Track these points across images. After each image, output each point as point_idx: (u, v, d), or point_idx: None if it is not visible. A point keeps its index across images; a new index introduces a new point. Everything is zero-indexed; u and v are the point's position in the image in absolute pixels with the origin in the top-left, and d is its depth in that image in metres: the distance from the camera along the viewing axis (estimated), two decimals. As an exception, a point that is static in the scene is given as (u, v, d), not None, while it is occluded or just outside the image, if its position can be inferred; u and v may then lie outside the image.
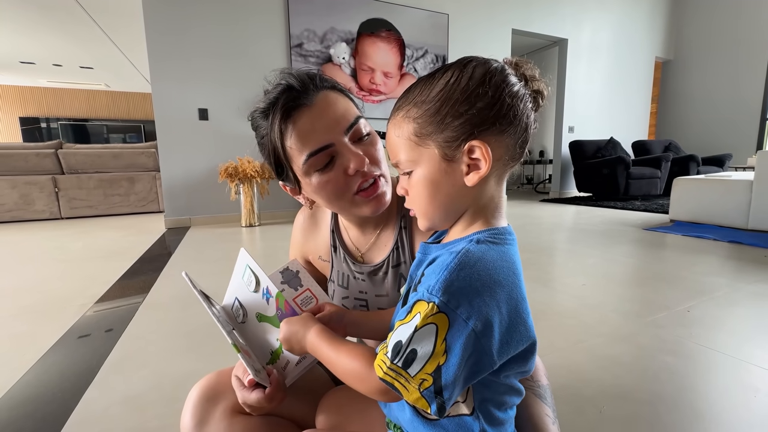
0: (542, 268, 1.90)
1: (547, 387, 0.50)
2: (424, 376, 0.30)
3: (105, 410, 0.82)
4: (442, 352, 0.29)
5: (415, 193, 0.37)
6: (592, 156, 4.93)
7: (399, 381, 0.30)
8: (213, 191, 3.40)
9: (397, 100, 0.38)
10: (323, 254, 0.63)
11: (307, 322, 0.41)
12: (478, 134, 0.33)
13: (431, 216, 0.38)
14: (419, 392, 0.30)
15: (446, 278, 0.31)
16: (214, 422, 0.48)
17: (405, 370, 0.30)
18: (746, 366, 0.94)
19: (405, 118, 0.36)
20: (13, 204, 3.76)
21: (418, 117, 0.35)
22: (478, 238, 0.34)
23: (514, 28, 4.65)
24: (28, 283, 1.75)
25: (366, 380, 0.34)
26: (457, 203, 0.37)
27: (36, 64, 6.28)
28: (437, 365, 0.29)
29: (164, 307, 1.43)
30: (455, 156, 0.34)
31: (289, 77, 0.47)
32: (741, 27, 5.46)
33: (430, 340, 0.30)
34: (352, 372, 0.35)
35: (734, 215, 2.71)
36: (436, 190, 0.36)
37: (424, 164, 0.36)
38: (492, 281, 0.32)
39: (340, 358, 0.36)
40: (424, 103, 0.35)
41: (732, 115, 5.64)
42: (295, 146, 0.47)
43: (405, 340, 0.30)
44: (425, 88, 0.35)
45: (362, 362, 0.34)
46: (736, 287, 1.51)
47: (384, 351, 0.32)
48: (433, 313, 0.30)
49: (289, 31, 3.49)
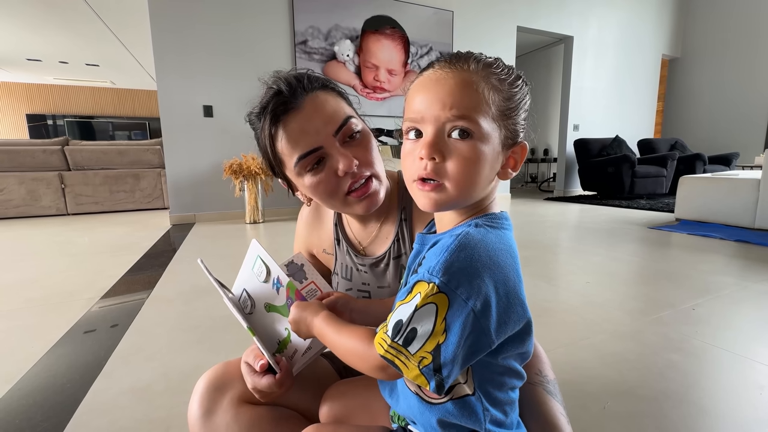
0: (547, 265, 1.90)
1: (555, 382, 0.50)
2: (423, 354, 0.30)
3: (113, 400, 0.83)
4: (442, 331, 0.30)
5: (466, 162, 0.33)
6: (597, 154, 4.90)
7: (399, 359, 0.31)
8: (217, 188, 3.41)
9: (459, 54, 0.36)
10: (327, 247, 0.64)
11: (316, 307, 0.42)
12: (523, 138, 0.37)
13: (466, 192, 0.35)
14: (419, 369, 0.30)
15: (447, 259, 0.31)
16: (221, 411, 0.49)
17: (405, 348, 0.31)
18: (752, 364, 0.94)
19: (489, 84, 0.34)
20: (20, 200, 3.80)
21: (501, 91, 0.35)
22: (477, 222, 0.35)
23: (520, 25, 4.62)
24: (35, 277, 1.77)
25: (365, 358, 0.34)
26: (484, 190, 0.37)
27: (42, 62, 6.33)
28: (437, 344, 0.30)
29: (170, 301, 1.44)
30: (507, 147, 0.36)
31: (279, 81, 0.48)
32: (748, 25, 5.39)
33: (430, 320, 0.30)
34: (352, 350, 0.36)
35: (741, 214, 2.69)
36: (486, 170, 0.35)
37: (489, 138, 0.34)
38: (491, 262, 0.32)
39: (342, 339, 0.37)
40: (504, 83, 0.35)
41: (739, 113, 5.58)
42: (285, 150, 0.48)
43: (405, 319, 0.31)
44: (502, 71, 0.35)
45: (362, 341, 0.35)
46: (742, 286, 1.50)
47: (384, 330, 0.33)
48: (433, 293, 0.30)
49: (294, 28, 3.49)
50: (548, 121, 6.91)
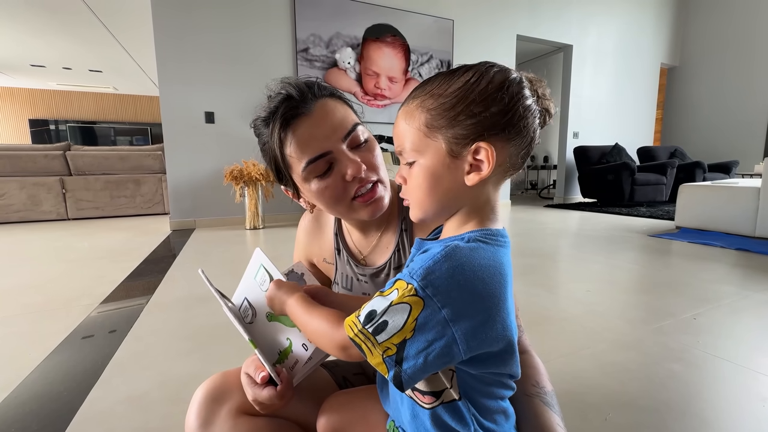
0: (547, 273, 1.89)
1: (553, 393, 0.50)
2: (389, 345, 0.32)
3: (110, 409, 0.82)
4: (411, 329, 0.31)
5: (415, 183, 0.38)
6: (596, 162, 4.91)
7: (366, 344, 0.33)
8: (218, 194, 3.42)
9: (413, 90, 0.38)
10: (327, 257, 0.63)
11: (292, 287, 0.44)
12: (487, 137, 0.34)
13: (426, 208, 0.38)
14: (382, 358, 0.32)
15: (429, 266, 0.32)
16: (219, 423, 0.48)
17: (374, 336, 0.32)
18: (754, 375, 0.93)
19: (419, 107, 0.36)
20: (21, 204, 3.81)
21: (433, 109, 0.35)
22: (470, 236, 0.36)
23: (519, 34, 4.67)
24: (34, 283, 1.77)
25: (331, 337, 0.36)
26: (453, 200, 0.37)
27: (46, 67, 6.38)
28: (404, 338, 0.32)
29: (169, 308, 1.43)
30: (461, 153, 0.35)
31: (289, 87, 0.49)
32: (746, 33, 5.44)
33: (402, 316, 0.32)
34: (320, 329, 0.38)
35: (741, 222, 2.69)
36: (436, 184, 0.37)
37: (428, 156, 0.36)
38: (475, 278, 0.32)
39: (312, 318, 0.39)
40: (441, 96, 0.35)
41: (738, 121, 5.61)
42: (294, 154, 0.48)
43: (379, 311, 0.33)
44: (444, 83, 0.36)
45: (331, 321, 0.37)
46: (743, 295, 1.50)
47: (357, 315, 0.34)
48: (410, 294, 0.32)
49: (296, 36, 3.53)
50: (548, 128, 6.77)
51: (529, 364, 0.50)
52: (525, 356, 0.52)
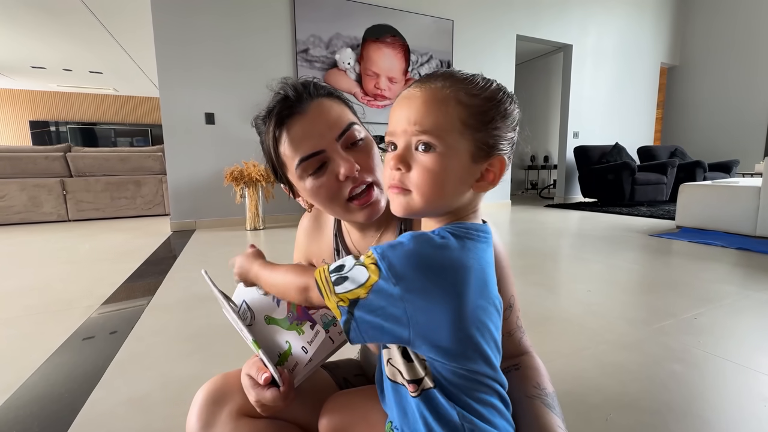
0: (547, 273, 1.89)
1: (554, 394, 0.50)
2: (343, 297, 0.35)
3: (111, 411, 0.82)
4: (366, 291, 0.34)
5: (427, 173, 0.36)
6: (597, 161, 4.91)
7: (325, 288, 0.36)
8: (218, 195, 3.42)
9: (433, 75, 0.38)
10: (327, 257, 0.63)
11: (254, 255, 0.49)
12: (502, 152, 0.37)
13: (430, 201, 0.37)
14: (336, 304, 0.35)
15: (392, 244, 0.35)
16: (220, 424, 0.49)
17: (334, 286, 0.36)
18: (755, 375, 0.93)
19: (454, 98, 0.36)
20: (21, 206, 3.81)
21: (469, 106, 0.36)
22: (445, 228, 0.37)
23: (519, 34, 4.66)
24: (35, 284, 1.77)
25: (294, 282, 0.40)
26: (455, 201, 0.38)
27: (47, 69, 6.39)
28: (357, 297, 0.34)
29: (170, 309, 1.43)
30: (480, 160, 0.37)
31: (286, 87, 0.50)
32: (746, 32, 5.44)
33: (362, 279, 0.35)
34: (286, 277, 0.42)
35: (742, 222, 2.68)
36: (451, 181, 0.37)
37: (453, 151, 0.36)
38: (433, 263, 0.34)
39: (279, 274, 0.43)
40: (476, 98, 0.36)
41: (738, 120, 5.60)
42: (288, 152, 0.49)
43: (347, 267, 0.36)
44: (476, 86, 0.37)
45: (297, 270, 0.41)
46: (744, 295, 1.49)
47: (329, 265, 0.38)
48: (372, 262, 0.35)
49: (295, 36, 3.53)
50: (548, 128, 6.95)
51: (530, 365, 0.50)
52: (526, 357, 0.52)
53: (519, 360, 0.51)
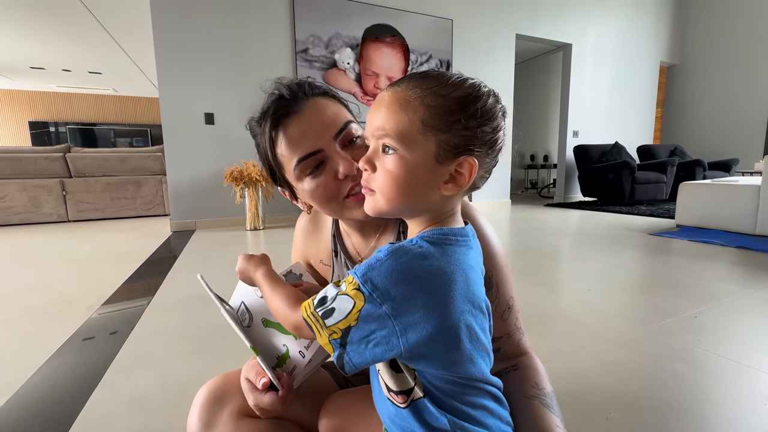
0: (547, 273, 1.89)
1: (553, 394, 0.50)
2: (335, 329, 0.34)
3: (112, 411, 0.82)
4: (355, 318, 0.34)
5: (389, 174, 0.36)
6: (596, 160, 4.91)
7: (316, 326, 0.35)
8: (218, 195, 3.42)
9: (408, 77, 0.37)
10: (324, 258, 0.63)
11: (260, 262, 0.48)
12: (473, 152, 0.36)
13: (393, 203, 0.38)
14: (328, 339, 0.35)
15: (371, 264, 0.34)
16: (220, 425, 0.49)
17: (323, 320, 0.35)
18: (756, 373, 0.93)
19: (419, 100, 0.36)
20: (21, 207, 3.81)
21: (433, 107, 0.35)
22: (422, 236, 0.36)
23: (519, 33, 4.66)
24: (35, 285, 1.77)
25: (287, 317, 0.40)
26: (421, 203, 0.38)
27: (46, 70, 6.39)
28: (348, 325, 0.34)
29: (170, 309, 1.43)
30: (446, 161, 0.36)
31: (280, 86, 0.49)
32: (746, 31, 5.44)
33: (348, 307, 0.34)
34: (279, 307, 0.41)
35: (742, 220, 2.69)
36: (413, 183, 0.36)
37: (416, 153, 0.36)
38: (415, 276, 0.33)
39: (275, 295, 0.42)
40: (443, 98, 0.35)
41: (738, 119, 5.60)
42: (285, 153, 0.48)
43: (330, 298, 0.35)
44: (446, 86, 0.36)
45: (289, 302, 0.40)
46: (744, 293, 1.49)
47: (313, 298, 0.37)
48: (354, 288, 0.34)
49: (295, 36, 3.53)
50: (548, 127, 6.94)
51: (529, 366, 0.50)
52: (524, 358, 0.51)
53: (518, 361, 0.51)
